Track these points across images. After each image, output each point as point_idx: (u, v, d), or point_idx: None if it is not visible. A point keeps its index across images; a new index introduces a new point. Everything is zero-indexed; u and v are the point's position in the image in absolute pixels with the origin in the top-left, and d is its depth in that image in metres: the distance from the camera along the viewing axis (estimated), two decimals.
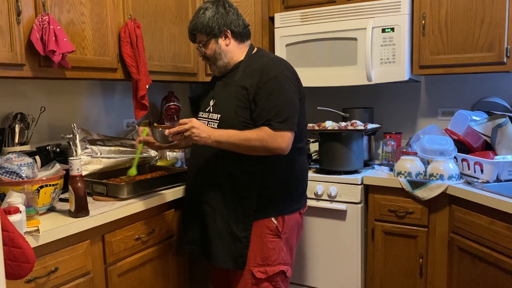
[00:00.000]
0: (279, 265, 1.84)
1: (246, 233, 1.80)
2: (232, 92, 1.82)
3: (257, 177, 1.79)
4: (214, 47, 1.87)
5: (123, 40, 2.10)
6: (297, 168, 1.88)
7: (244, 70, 1.85)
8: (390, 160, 2.67)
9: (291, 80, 1.79)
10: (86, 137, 2.11)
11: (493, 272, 1.90)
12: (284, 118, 1.72)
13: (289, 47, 2.70)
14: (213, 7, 1.86)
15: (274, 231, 1.82)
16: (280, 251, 1.84)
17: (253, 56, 1.90)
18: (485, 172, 2.13)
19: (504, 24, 2.21)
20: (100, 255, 1.73)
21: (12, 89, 2.08)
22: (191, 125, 1.68)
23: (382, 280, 2.39)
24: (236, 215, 1.81)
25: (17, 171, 1.63)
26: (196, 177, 1.93)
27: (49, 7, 1.78)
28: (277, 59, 1.87)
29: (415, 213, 2.25)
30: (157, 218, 1.98)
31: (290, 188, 1.87)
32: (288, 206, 1.86)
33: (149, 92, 2.20)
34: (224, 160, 1.82)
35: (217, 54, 1.88)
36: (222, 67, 1.90)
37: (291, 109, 1.75)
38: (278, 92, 1.74)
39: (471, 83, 2.68)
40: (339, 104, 2.94)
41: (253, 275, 1.81)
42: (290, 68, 1.85)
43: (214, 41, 1.86)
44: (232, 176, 1.81)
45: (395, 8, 2.40)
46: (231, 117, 1.79)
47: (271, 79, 1.75)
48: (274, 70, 1.77)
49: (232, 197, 1.81)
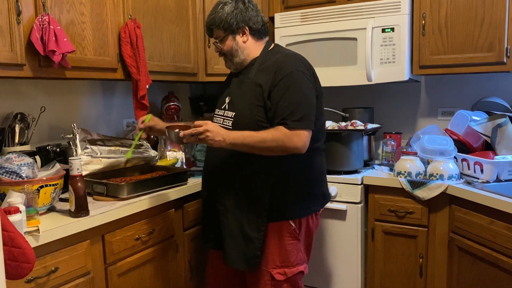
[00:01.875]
0: (298, 265, 1.82)
1: (259, 234, 1.76)
2: (247, 90, 1.78)
3: (271, 178, 1.76)
4: (231, 44, 1.82)
5: (123, 40, 2.10)
6: (314, 169, 1.84)
7: (259, 67, 1.80)
8: (390, 160, 2.67)
9: (307, 76, 1.74)
10: (86, 137, 2.11)
11: (493, 272, 1.90)
12: (301, 116, 1.67)
13: (289, 47, 2.69)
14: (232, 2, 1.81)
15: (293, 233, 1.79)
16: (299, 252, 1.82)
17: (269, 52, 1.85)
18: (485, 172, 2.13)
19: (504, 24, 2.22)
20: (100, 255, 1.73)
21: (12, 89, 2.08)
22: (205, 128, 1.65)
23: (382, 280, 2.39)
24: (248, 215, 1.78)
25: (17, 171, 1.63)
26: (211, 176, 1.90)
27: (49, 7, 1.78)
28: (293, 54, 1.81)
29: (415, 213, 2.25)
30: (157, 218, 1.98)
31: (307, 190, 1.83)
32: (306, 208, 1.82)
33: (149, 92, 2.20)
34: (237, 160, 1.78)
35: (233, 51, 1.83)
36: (239, 63, 1.86)
37: (307, 107, 1.70)
38: (293, 89, 1.69)
39: (471, 83, 2.68)
40: (339, 104, 2.94)
41: (272, 277, 1.78)
42: (307, 64, 1.79)
43: (231, 37, 1.82)
44: (245, 176, 1.78)
45: (395, 8, 2.40)
46: (246, 115, 1.75)
47: (287, 76, 1.70)
48: (289, 67, 1.72)
49: (245, 197, 1.78)
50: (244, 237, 1.78)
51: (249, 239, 1.77)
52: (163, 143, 2.60)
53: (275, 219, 1.78)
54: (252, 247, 1.77)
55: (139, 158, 2.29)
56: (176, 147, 2.59)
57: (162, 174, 2.17)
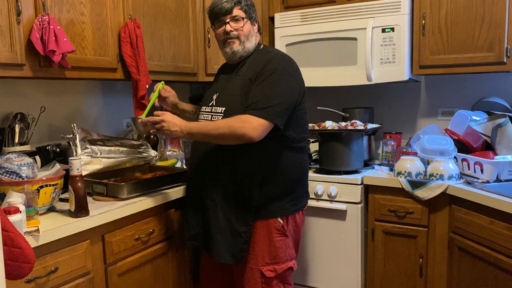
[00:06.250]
0: (287, 262, 1.85)
1: (246, 228, 1.79)
2: (238, 85, 1.82)
3: (258, 173, 1.78)
4: (249, 27, 1.88)
5: (123, 40, 2.10)
6: (300, 168, 1.88)
7: (249, 64, 1.85)
8: (390, 160, 2.67)
9: (291, 75, 1.78)
10: (86, 137, 2.11)
11: (493, 272, 1.90)
12: (264, 107, 1.68)
13: (289, 47, 2.70)
14: None
15: (281, 230, 1.83)
16: (287, 248, 1.85)
17: (260, 51, 1.90)
18: (485, 172, 2.13)
19: (504, 24, 2.21)
20: (100, 255, 1.72)
21: (12, 89, 2.08)
22: (162, 118, 1.72)
23: (382, 280, 2.39)
24: (237, 209, 1.81)
25: (17, 171, 1.63)
26: (198, 172, 1.92)
27: (49, 7, 1.78)
28: (282, 54, 1.87)
29: (415, 213, 2.25)
30: (157, 218, 1.98)
31: (294, 187, 1.86)
32: (293, 205, 1.86)
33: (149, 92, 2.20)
34: (225, 155, 1.80)
35: (250, 35, 1.88)
36: (245, 51, 1.88)
37: (277, 101, 1.70)
38: (270, 82, 1.73)
39: (471, 83, 2.68)
40: (339, 104, 2.94)
41: (263, 274, 1.81)
42: (294, 65, 1.84)
43: (249, 22, 1.88)
44: (233, 171, 1.80)
45: (395, 8, 2.40)
46: (237, 109, 1.77)
47: (270, 70, 1.75)
48: (276, 64, 1.77)
49: (233, 192, 1.81)
50: (231, 231, 1.81)
51: (236, 233, 1.80)
52: (163, 143, 2.61)
53: (264, 217, 1.81)
54: (239, 241, 1.80)
55: (139, 158, 2.29)
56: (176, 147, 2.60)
57: (162, 174, 2.17)
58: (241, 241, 1.80)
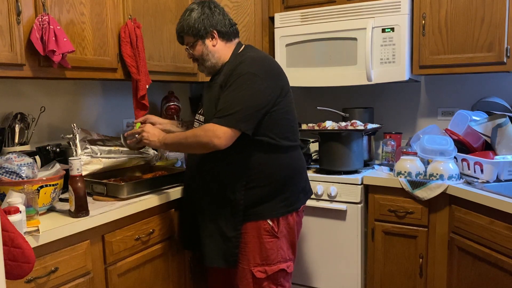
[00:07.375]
0: (279, 263, 1.84)
1: (236, 233, 1.81)
2: (214, 92, 1.82)
3: (241, 177, 1.79)
4: (201, 48, 1.88)
5: (123, 40, 2.10)
6: (287, 168, 1.85)
7: (225, 71, 1.83)
8: (390, 160, 2.67)
9: (260, 78, 1.72)
10: (86, 137, 2.11)
11: (493, 272, 1.90)
12: (227, 114, 1.68)
13: (289, 47, 2.70)
14: (198, 8, 1.87)
15: (270, 232, 1.82)
16: (279, 249, 1.84)
17: (238, 55, 1.87)
18: (485, 172, 2.13)
19: (504, 24, 2.21)
20: (100, 255, 1.72)
21: (12, 89, 2.08)
22: (142, 129, 1.88)
23: (382, 280, 2.39)
24: (225, 215, 1.83)
25: (17, 171, 1.63)
26: (191, 179, 1.97)
27: (49, 7, 1.78)
28: (253, 57, 1.80)
29: (415, 213, 2.25)
30: (157, 218, 1.98)
31: (282, 189, 1.83)
32: (284, 206, 1.84)
33: (149, 92, 2.20)
34: (211, 161, 1.83)
35: (204, 55, 1.88)
36: (211, 67, 1.91)
37: (240, 107, 1.68)
38: (234, 88, 1.72)
39: (471, 83, 2.68)
40: (339, 104, 2.94)
41: (253, 275, 1.82)
42: (266, 67, 1.78)
43: (201, 42, 1.87)
44: (219, 176, 1.83)
45: (395, 8, 2.40)
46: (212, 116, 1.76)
47: (235, 75, 1.74)
48: (244, 68, 1.74)
49: (219, 197, 1.83)
50: (221, 236, 1.83)
51: (226, 238, 1.82)
52: None
53: (253, 219, 1.82)
54: (230, 245, 1.82)
55: (139, 158, 2.29)
56: None
57: (162, 174, 2.17)
58: (231, 246, 1.82)
